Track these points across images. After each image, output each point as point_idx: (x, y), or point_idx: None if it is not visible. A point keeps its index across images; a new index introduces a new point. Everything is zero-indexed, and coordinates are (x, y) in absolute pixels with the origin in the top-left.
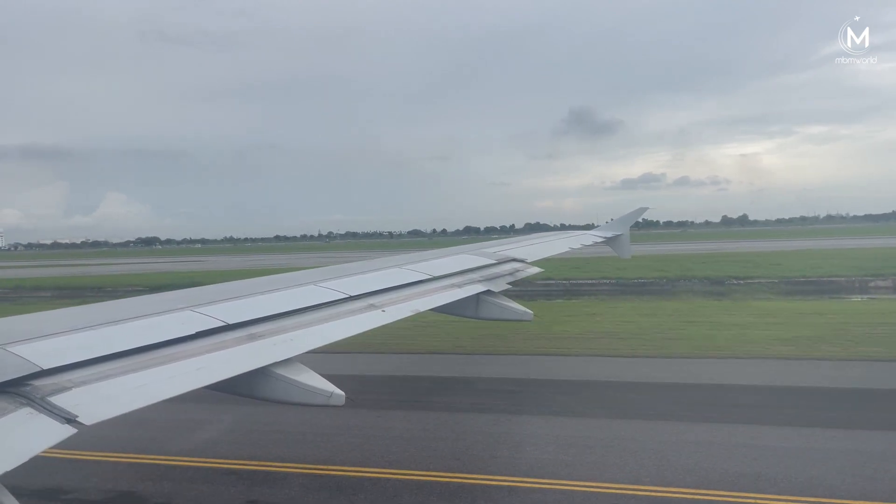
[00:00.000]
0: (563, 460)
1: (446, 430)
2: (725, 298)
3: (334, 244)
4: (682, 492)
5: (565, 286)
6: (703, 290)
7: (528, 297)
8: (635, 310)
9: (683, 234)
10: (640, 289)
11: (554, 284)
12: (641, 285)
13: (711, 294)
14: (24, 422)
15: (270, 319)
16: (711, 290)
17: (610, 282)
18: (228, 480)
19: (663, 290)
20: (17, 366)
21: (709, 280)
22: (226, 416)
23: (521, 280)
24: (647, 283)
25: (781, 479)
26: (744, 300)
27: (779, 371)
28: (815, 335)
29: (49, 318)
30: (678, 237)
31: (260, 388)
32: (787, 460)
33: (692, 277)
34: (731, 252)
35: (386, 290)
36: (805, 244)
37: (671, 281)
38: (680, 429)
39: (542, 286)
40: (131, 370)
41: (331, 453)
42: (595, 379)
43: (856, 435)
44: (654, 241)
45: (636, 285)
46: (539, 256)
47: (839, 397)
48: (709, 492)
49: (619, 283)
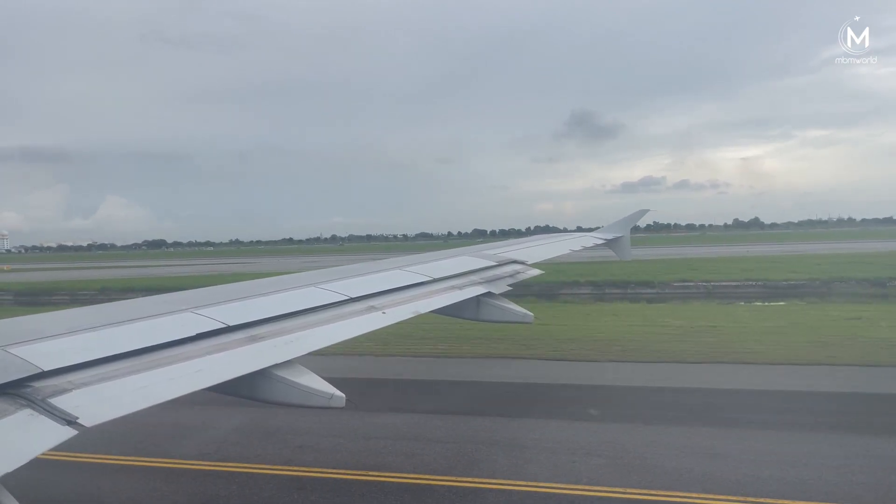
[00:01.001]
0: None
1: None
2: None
3: (348, 247)
4: None
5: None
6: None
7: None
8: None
9: (703, 237)
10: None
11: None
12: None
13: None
14: (25, 423)
15: (271, 321)
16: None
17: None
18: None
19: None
20: (17, 367)
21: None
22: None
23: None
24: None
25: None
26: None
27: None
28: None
29: (49, 319)
30: (698, 240)
31: (260, 389)
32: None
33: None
34: (822, 254)
35: (387, 292)
36: (846, 246)
37: (825, 282)
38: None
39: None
40: (132, 372)
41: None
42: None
43: None
44: (679, 244)
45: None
46: (540, 258)
47: None
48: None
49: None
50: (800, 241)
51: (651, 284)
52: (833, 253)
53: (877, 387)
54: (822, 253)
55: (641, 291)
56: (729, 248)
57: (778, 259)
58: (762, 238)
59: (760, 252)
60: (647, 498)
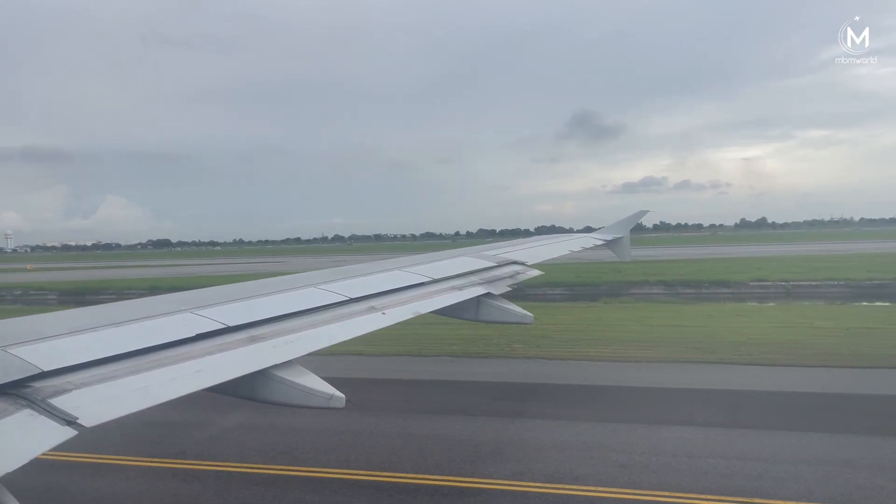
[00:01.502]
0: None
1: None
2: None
3: (356, 247)
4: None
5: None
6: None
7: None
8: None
9: (714, 237)
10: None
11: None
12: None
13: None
14: (25, 424)
15: (271, 322)
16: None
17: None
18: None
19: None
20: (17, 367)
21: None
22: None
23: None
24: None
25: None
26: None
27: None
28: None
29: (49, 319)
30: (711, 240)
31: (260, 390)
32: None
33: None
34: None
35: (387, 293)
36: (874, 246)
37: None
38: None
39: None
40: (132, 372)
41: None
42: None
43: None
44: (693, 244)
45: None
46: (539, 259)
47: None
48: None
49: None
50: (815, 240)
51: (726, 284)
52: (876, 252)
53: None
54: (866, 252)
55: (718, 291)
56: (756, 248)
57: (830, 259)
58: (775, 238)
59: (796, 252)
60: None
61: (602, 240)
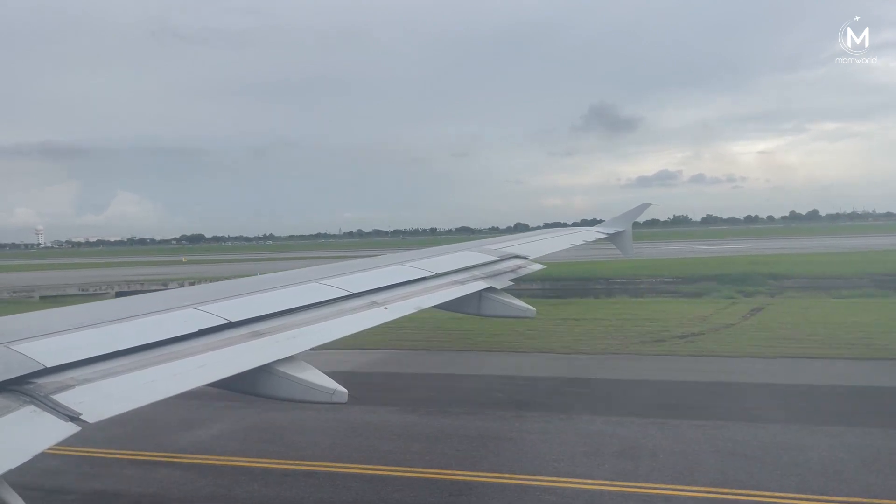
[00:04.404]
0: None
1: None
2: None
3: (376, 241)
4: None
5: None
6: None
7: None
8: None
9: (748, 231)
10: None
11: None
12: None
13: None
14: (28, 420)
15: (273, 317)
16: None
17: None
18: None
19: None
20: (20, 364)
21: None
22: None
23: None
24: None
25: None
26: None
27: None
28: None
29: (52, 316)
30: (745, 233)
31: (263, 385)
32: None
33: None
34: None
35: (388, 288)
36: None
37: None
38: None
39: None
40: (135, 368)
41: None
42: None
43: None
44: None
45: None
46: (541, 253)
47: None
48: None
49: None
50: (858, 233)
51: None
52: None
53: None
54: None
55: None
56: (814, 242)
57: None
58: (815, 231)
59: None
60: None
61: (604, 233)
